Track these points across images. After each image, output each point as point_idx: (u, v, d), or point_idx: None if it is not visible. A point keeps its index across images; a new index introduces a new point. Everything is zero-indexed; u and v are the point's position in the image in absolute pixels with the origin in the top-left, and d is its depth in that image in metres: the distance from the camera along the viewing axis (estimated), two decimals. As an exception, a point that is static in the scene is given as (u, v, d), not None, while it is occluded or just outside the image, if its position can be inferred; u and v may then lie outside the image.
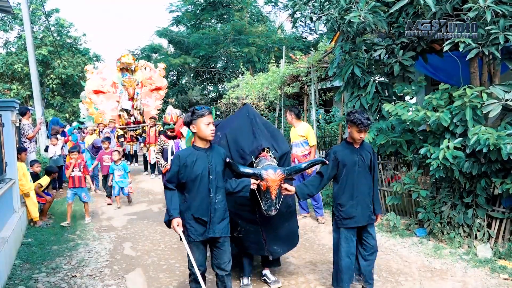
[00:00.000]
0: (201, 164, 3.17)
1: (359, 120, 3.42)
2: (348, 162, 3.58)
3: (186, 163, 3.15)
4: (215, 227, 3.20)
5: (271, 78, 10.42)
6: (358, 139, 3.55)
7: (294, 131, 6.43)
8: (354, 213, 3.56)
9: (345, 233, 3.61)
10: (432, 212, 5.30)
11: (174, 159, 3.21)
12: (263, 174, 3.38)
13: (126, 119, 12.95)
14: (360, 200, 3.57)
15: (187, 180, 3.17)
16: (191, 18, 19.94)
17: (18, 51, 23.31)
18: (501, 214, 4.77)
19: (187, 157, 3.18)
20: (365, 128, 3.47)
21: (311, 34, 20.60)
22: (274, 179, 3.39)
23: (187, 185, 3.19)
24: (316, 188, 3.68)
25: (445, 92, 5.17)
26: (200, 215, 3.17)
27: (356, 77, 6.05)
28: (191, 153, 3.22)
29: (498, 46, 4.46)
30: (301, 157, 6.25)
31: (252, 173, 3.42)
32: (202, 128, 3.18)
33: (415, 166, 5.57)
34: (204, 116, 3.17)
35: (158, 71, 14.12)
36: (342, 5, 5.35)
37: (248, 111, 4.20)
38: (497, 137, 4.26)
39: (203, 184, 3.18)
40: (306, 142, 6.29)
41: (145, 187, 10.43)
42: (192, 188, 3.18)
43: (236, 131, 4.00)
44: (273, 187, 3.39)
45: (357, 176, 3.57)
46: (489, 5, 4.28)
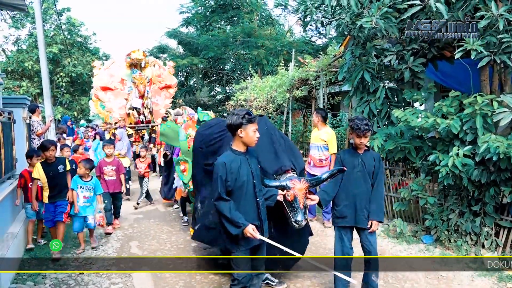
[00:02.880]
0: (245, 170, 3.08)
1: (357, 126, 3.55)
2: (348, 164, 3.70)
3: (232, 170, 3.02)
4: (264, 229, 3.18)
5: (279, 81, 10.45)
6: (359, 144, 3.66)
7: (317, 134, 6.38)
8: (346, 213, 3.68)
9: (339, 232, 3.75)
10: (439, 219, 5.28)
11: (219, 167, 3.03)
12: (289, 184, 3.40)
13: (136, 118, 12.34)
14: (354, 202, 3.66)
15: (234, 187, 3.04)
16: (201, 19, 20.00)
17: (29, 49, 23.55)
18: (509, 223, 4.75)
19: (231, 163, 3.04)
20: (363, 134, 3.57)
21: (320, 38, 20.60)
22: (301, 187, 3.42)
23: (233, 192, 3.06)
24: (334, 193, 3.76)
25: (455, 100, 5.16)
26: (250, 220, 3.06)
27: (366, 82, 6.05)
28: (234, 159, 3.08)
29: (510, 54, 4.44)
30: (318, 160, 6.26)
31: (278, 184, 3.42)
32: (250, 134, 3.07)
33: (423, 172, 5.56)
34: (253, 122, 3.08)
35: (168, 69, 13.71)
36: (353, 10, 5.36)
37: (267, 124, 4.09)
38: (507, 145, 4.25)
39: (249, 190, 3.09)
40: (326, 147, 6.24)
41: (150, 187, 10.43)
42: (239, 195, 3.07)
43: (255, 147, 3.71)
44: (300, 196, 3.40)
45: (354, 179, 3.67)
46: (502, 14, 4.28)
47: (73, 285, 4.24)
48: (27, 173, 5.44)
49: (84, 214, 5.38)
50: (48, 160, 5.21)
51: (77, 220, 5.37)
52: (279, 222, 3.81)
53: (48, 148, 5.17)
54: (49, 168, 5.19)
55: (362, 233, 3.71)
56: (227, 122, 3.15)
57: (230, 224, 3.00)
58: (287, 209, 3.50)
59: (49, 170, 5.17)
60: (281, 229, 3.86)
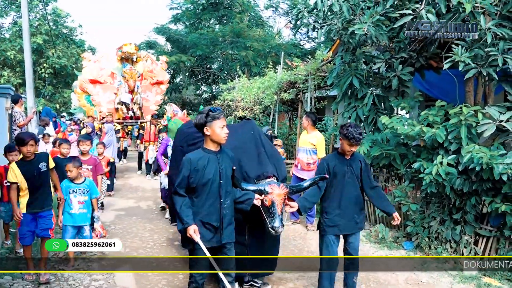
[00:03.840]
0: (212, 168, 3.09)
1: (352, 135, 3.49)
2: (339, 172, 3.67)
3: (197, 167, 3.05)
4: (224, 233, 3.15)
5: (267, 83, 10.47)
6: (349, 152, 3.64)
7: (306, 137, 6.40)
8: (338, 221, 3.66)
9: (328, 239, 3.70)
10: (420, 226, 5.37)
11: (185, 163, 3.09)
12: (267, 188, 3.35)
13: (125, 113, 12.00)
14: (346, 210, 3.66)
15: (197, 184, 3.07)
16: (191, 17, 19.96)
17: (12, 38, 23.08)
18: (488, 232, 4.86)
19: (198, 160, 3.08)
20: (356, 143, 3.55)
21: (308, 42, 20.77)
22: (279, 192, 3.37)
23: (196, 189, 3.09)
24: (316, 200, 3.75)
25: (441, 109, 5.25)
26: (209, 221, 3.10)
27: (354, 88, 6.11)
28: (202, 157, 3.11)
29: (496, 67, 4.55)
30: (305, 164, 6.28)
31: (255, 188, 3.38)
32: (217, 131, 3.09)
33: (407, 179, 5.65)
34: (219, 119, 3.08)
35: (160, 64, 13.35)
36: (345, 16, 5.42)
37: (253, 129, 4.07)
38: (490, 156, 4.35)
39: (214, 189, 3.10)
40: (314, 151, 6.28)
41: (133, 183, 10.35)
42: (201, 193, 3.10)
43: (239, 150, 3.67)
44: (278, 201, 3.35)
45: (345, 186, 3.66)
46: (490, 27, 4.39)
47: (53, 280, 4.17)
48: (3, 169, 4.69)
49: (80, 224, 4.54)
50: (26, 158, 4.11)
51: (71, 231, 4.48)
52: (255, 229, 3.78)
53: (26, 143, 4.01)
54: (27, 168, 4.11)
55: (349, 237, 3.75)
56: (194, 122, 3.18)
57: (178, 219, 3.08)
58: (264, 214, 3.44)
59: (27, 170, 4.09)
60: (257, 237, 3.84)
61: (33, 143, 4.12)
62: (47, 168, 4.26)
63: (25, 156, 4.12)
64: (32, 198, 4.14)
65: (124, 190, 9.26)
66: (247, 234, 3.80)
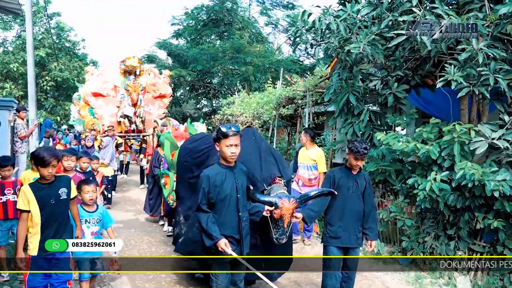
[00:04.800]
0: (229, 183, 3.17)
1: (356, 149, 3.65)
2: (343, 185, 3.79)
3: (216, 182, 3.12)
4: (244, 244, 3.25)
5: (266, 98, 10.64)
6: (355, 166, 3.77)
7: (305, 153, 6.43)
8: (340, 233, 3.74)
9: (330, 251, 3.79)
10: (415, 241, 5.43)
11: (203, 179, 3.15)
12: (279, 203, 3.43)
13: (127, 126, 11.99)
14: (349, 223, 3.75)
15: (216, 200, 3.15)
16: (192, 32, 20.28)
17: (16, 51, 23.37)
18: (481, 248, 4.93)
19: (216, 176, 3.15)
20: (361, 157, 3.69)
21: (308, 58, 21.03)
22: (288, 207, 3.45)
23: (215, 205, 3.17)
24: (320, 210, 3.86)
25: (435, 126, 5.36)
26: (231, 234, 3.17)
27: (351, 104, 6.24)
28: (219, 172, 3.19)
29: (488, 87, 4.67)
30: (307, 180, 6.29)
31: (268, 201, 3.46)
32: (223, 149, 3.16)
33: (402, 195, 5.73)
34: (227, 138, 3.12)
35: (163, 78, 13.44)
36: (342, 35, 5.57)
37: (255, 134, 4.19)
38: (482, 173, 4.45)
39: (232, 203, 3.18)
40: (315, 167, 6.30)
41: (132, 196, 10.41)
42: (220, 208, 3.17)
43: (243, 156, 3.71)
44: (286, 216, 3.44)
45: (349, 199, 3.76)
46: (481, 48, 4.53)
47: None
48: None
49: (93, 256, 3.88)
50: (44, 180, 3.30)
51: (83, 263, 3.88)
52: (266, 233, 3.87)
53: (48, 163, 3.21)
54: (44, 193, 3.27)
55: (349, 252, 3.82)
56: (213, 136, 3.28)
57: (205, 236, 3.12)
58: (271, 224, 3.55)
59: (43, 196, 3.25)
60: (268, 240, 3.92)
61: (56, 163, 3.29)
62: (68, 196, 3.40)
63: (43, 178, 3.30)
64: (46, 234, 3.23)
65: (123, 203, 9.32)
66: (258, 237, 3.87)
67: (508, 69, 4.70)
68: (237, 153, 3.20)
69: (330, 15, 5.67)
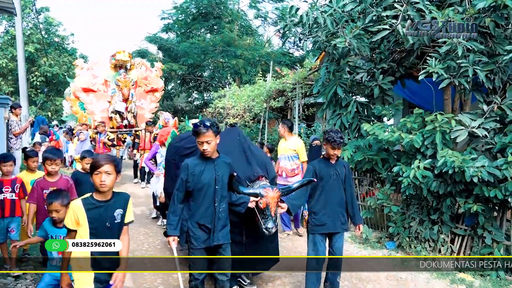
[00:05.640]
0: (208, 174, 3.32)
1: (333, 139, 3.83)
2: (325, 175, 3.96)
3: (194, 172, 3.29)
4: (218, 235, 3.39)
5: (257, 91, 10.82)
6: (333, 155, 3.96)
7: (285, 144, 6.40)
8: (325, 220, 3.93)
9: (316, 238, 3.97)
10: (401, 226, 5.69)
11: (183, 167, 3.33)
12: (262, 192, 3.60)
13: (119, 122, 11.93)
14: (332, 210, 3.95)
15: (194, 189, 3.31)
16: (182, 26, 20.33)
17: (4, 47, 23.24)
18: (463, 231, 5.19)
19: (195, 166, 3.32)
20: (338, 146, 3.87)
21: (297, 50, 21.18)
22: (273, 195, 3.62)
23: (193, 193, 3.34)
24: (303, 200, 4.05)
25: (418, 116, 5.59)
26: (204, 223, 3.34)
27: (339, 96, 6.45)
28: (198, 163, 3.35)
29: (468, 78, 4.90)
30: (290, 170, 6.30)
31: (252, 192, 3.63)
32: (198, 146, 3.35)
33: (388, 183, 5.97)
34: (198, 135, 3.28)
35: (155, 71, 13.29)
36: (329, 29, 5.76)
37: (239, 134, 4.30)
38: (462, 160, 4.69)
39: (209, 194, 3.34)
40: (296, 156, 6.27)
41: (127, 189, 10.54)
42: (197, 197, 3.34)
43: (227, 155, 3.74)
44: (272, 204, 3.60)
45: (331, 188, 3.96)
46: (460, 41, 4.75)
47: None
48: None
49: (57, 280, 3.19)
50: (99, 195, 2.72)
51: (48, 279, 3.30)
52: (251, 229, 4.02)
53: (100, 165, 2.67)
54: (99, 213, 2.72)
55: (334, 237, 4.03)
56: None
57: (167, 223, 3.38)
58: (258, 216, 3.69)
59: (97, 218, 2.71)
60: (253, 236, 4.11)
61: (113, 170, 2.71)
62: (122, 220, 2.86)
63: (98, 189, 2.71)
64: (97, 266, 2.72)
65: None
66: (245, 234, 4.05)
67: (486, 61, 4.94)
68: (209, 149, 3.30)
69: (317, 9, 5.86)
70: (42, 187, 4.19)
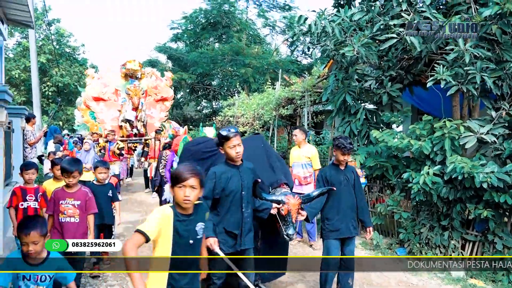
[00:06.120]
0: (234, 181, 3.39)
1: (343, 145, 3.95)
2: (335, 181, 4.05)
3: (221, 179, 3.34)
4: (244, 240, 3.46)
5: (266, 99, 10.93)
6: (343, 161, 4.06)
7: (299, 152, 6.38)
8: (339, 226, 4.01)
9: (330, 244, 4.05)
10: (412, 233, 5.72)
11: (210, 176, 3.34)
12: (284, 199, 3.66)
13: (129, 130, 11.89)
14: (345, 215, 4.03)
15: (221, 195, 3.37)
16: (191, 36, 20.59)
17: (17, 57, 23.67)
18: (473, 237, 5.22)
19: (222, 174, 3.37)
20: (348, 152, 3.98)
21: (305, 58, 21.32)
22: (294, 202, 3.68)
23: (220, 200, 3.40)
24: (319, 207, 4.10)
25: (427, 123, 5.65)
26: (232, 229, 3.41)
27: (348, 104, 6.52)
28: (225, 170, 3.40)
29: (475, 84, 4.96)
30: (303, 178, 6.30)
31: (274, 199, 3.69)
32: (228, 151, 3.37)
33: (398, 189, 6.02)
34: (228, 140, 3.32)
35: (165, 80, 13.34)
36: (337, 38, 5.85)
37: (263, 142, 4.38)
38: (471, 166, 4.73)
39: (236, 200, 3.41)
40: (310, 164, 6.27)
41: (138, 198, 10.68)
42: (225, 203, 3.41)
43: (252, 161, 3.79)
44: (293, 211, 3.66)
45: (342, 194, 4.04)
46: (467, 48, 4.81)
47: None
48: (19, 190, 4.31)
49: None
50: (182, 209, 2.42)
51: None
52: (267, 236, 4.11)
53: (184, 178, 2.36)
54: (184, 228, 2.42)
55: (346, 241, 4.11)
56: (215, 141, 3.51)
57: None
58: (280, 222, 3.74)
59: (182, 233, 2.41)
60: (268, 243, 4.19)
61: (198, 184, 2.40)
62: (202, 235, 2.55)
63: (179, 204, 2.40)
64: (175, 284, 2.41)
65: (129, 205, 9.59)
66: (260, 240, 4.13)
67: (494, 68, 4.99)
68: (241, 151, 3.41)
69: (325, 19, 5.96)
70: (59, 197, 3.93)
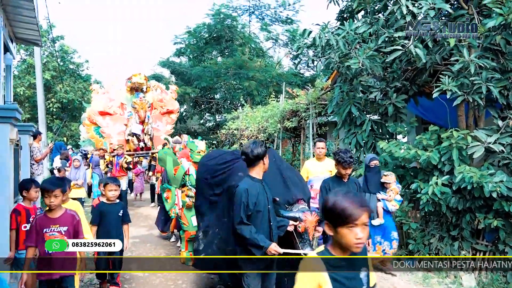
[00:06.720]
0: (262, 195, 3.41)
1: (343, 159, 4.04)
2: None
3: (252, 195, 3.32)
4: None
5: (270, 112, 10.98)
6: (345, 174, 4.14)
7: (320, 165, 6.02)
8: None
9: None
10: (421, 243, 5.69)
11: (242, 193, 3.30)
12: (302, 216, 3.64)
13: (136, 144, 11.82)
14: None
15: (253, 211, 3.34)
16: (194, 50, 20.77)
17: (21, 75, 23.88)
18: (484, 247, 5.19)
19: (251, 189, 3.34)
20: (348, 166, 4.06)
21: (308, 71, 21.44)
22: (312, 220, 3.66)
23: (251, 216, 3.36)
24: None
25: (434, 133, 5.66)
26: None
27: (353, 115, 6.56)
28: (253, 186, 3.38)
29: (481, 94, 4.99)
30: None
31: (291, 215, 3.68)
32: (268, 161, 3.47)
33: (406, 200, 6.00)
34: (265, 155, 3.43)
35: (170, 93, 13.36)
36: (342, 51, 5.91)
37: (275, 156, 4.27)
38: (480, 176, 4.73)
39: (265, 213, 3.42)
40: None
41: (143, 212, 10.68)
42: (255, 219, 3.38)
43: (266, 179, 3.70)
44: (310, 228, 3.64)
45: None
46: (472, 59, 4.85)
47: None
48: (23, 209, 3.95)
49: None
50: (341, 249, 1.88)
51: None
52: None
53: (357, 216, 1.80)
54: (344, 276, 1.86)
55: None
56: (254, 153, 3.38)
57: (253, 247, 3.29)
58: (296, 239, 3.69)
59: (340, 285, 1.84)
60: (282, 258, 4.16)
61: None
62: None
63: (352, 248, 1.84)
64: None
65: (135, 219, 9.57)
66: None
67: (499, 78, 5.02)
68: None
69: (329, 32, 6.03)
70: (42, 225, 3.33)
